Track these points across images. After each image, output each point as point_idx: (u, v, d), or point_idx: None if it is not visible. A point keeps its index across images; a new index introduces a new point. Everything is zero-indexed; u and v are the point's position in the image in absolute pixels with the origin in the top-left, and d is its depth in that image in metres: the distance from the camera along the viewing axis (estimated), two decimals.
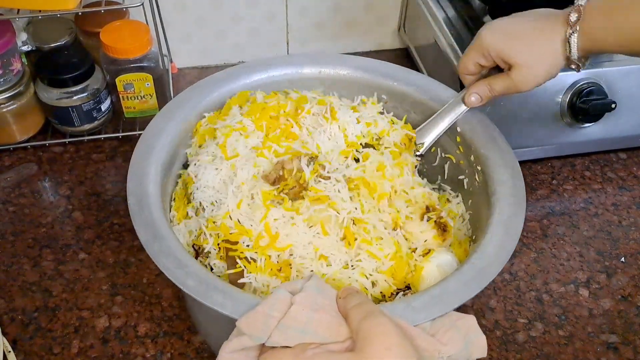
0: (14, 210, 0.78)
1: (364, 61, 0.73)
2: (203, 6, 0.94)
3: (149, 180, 0.59)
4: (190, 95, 0.68)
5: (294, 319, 0.45)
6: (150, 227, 0.54)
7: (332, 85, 0.72)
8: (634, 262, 0.75)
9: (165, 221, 0.56)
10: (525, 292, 0.71)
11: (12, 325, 0.67)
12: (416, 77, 0.72)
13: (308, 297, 0.46)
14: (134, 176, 0.59)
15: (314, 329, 0.45)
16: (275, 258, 0.56)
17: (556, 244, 0.76)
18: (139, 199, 0.57)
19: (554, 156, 0.86)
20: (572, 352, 0.66)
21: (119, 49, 0.81)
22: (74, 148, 0.87)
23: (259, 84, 0.71)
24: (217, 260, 0.57)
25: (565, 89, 0.78)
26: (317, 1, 0.98)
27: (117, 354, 0.65)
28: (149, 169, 0.60)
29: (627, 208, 0.81)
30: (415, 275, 0.57)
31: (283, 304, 0.46)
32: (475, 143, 0.64)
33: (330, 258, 0.55)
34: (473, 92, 0.64)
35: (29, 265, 0.72)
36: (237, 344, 0.46)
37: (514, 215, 0.56)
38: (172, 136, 0.64)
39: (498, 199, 0.58)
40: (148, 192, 0.58)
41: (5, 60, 0.79)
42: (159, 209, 0.57)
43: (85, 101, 0.83)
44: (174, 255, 0.52)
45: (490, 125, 0.65)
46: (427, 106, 0.69)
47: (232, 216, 0.58)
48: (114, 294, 0.70)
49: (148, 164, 0.60)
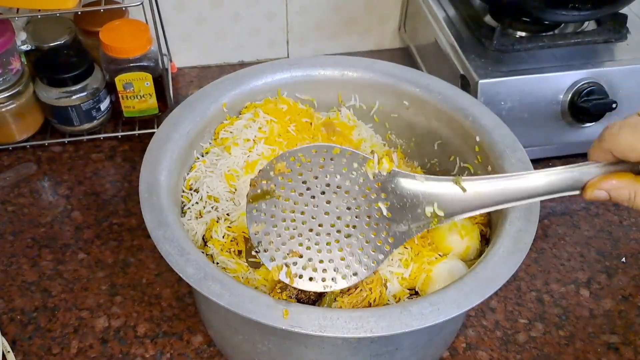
0: (13, 210, 0.78)
1: (387, 66, 0.71)
2: (203, 5, 0.94)
3: (162, 167, 0.59)
4: (212, 90, 0.68)
5: None
6: (157, 213, 0.54)
7: (354, 88, 0.72)
8: (635, 262, 0.75)
9: (175, 209, 0.57)
10: (526, 292, 0.71)
11: (11, 325, 0.66)
12: (439, 84, 0.70)
13: None
14: (148, 163, 0.59)
15: None
16: None
17: (557, 244, 0.76)
18: (150, 185, 0.57)
19: (555, 156, 0.85)
20: (572, 353, 0.66)
21: (119, 49, 0.81)
22: (73, 148, 0.87)
23: (280, 83, 0.70)
24: (223, 257, 0.58)
25: (565, 89, 0.78)
26: (317, 1, 0.97)
27: (117, 354, 0.64)
28: (164, 156, 0.60)
29: (627, 208, 0.80)
30: (425, 280, 0.56)
31: None
32: (494, 153, 0.62)
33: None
34: (605, 188, 0.49)
35: (28, 265, 0.72)
36: None
37: (524, 230, 0.54)
38: (190, 128, 0.64)
39: (510, 210, 0.56)
40: (160, 179, 0.58)
41: (5, 60, 0.79)
42: (167, 197, 0.57)
43: (84, 101, 0.83)
44: (178, 243, 0.52)
45: (509, 136, 0.62)
46: (447, 115, 0.68)
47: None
48: (114, 294, 0.70)
49: (164, 152, 0.61)
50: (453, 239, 0.58)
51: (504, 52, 0.80)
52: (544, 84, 0.78)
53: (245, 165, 0.63)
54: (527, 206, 0.55)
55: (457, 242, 0.58)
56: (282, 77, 0.71)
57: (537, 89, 0.78)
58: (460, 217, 0.53)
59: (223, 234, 0.59)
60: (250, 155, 0.64)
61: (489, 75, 0.77)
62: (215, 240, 0.58)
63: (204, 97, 0.67)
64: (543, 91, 0.78)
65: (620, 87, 0.79)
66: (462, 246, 0.58)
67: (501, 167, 0.60)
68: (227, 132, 0.67)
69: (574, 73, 0.78)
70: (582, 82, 0.78)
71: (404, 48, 1.06)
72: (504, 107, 0.77)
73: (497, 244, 0.54)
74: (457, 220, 0.57)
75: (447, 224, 0.58)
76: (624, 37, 0.82)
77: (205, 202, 0.61)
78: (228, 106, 0.68)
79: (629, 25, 0.83)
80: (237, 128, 0.66)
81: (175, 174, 0.61)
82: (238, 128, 0.66)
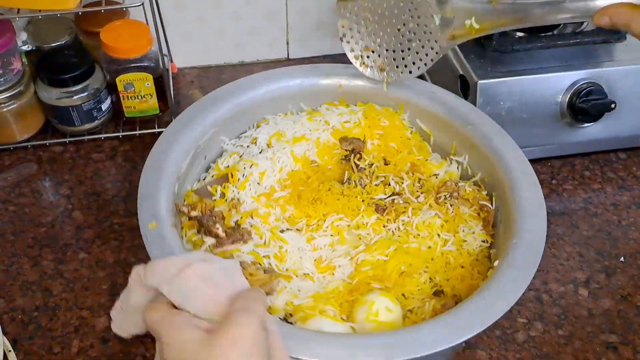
0: (14, 210, 0.78)
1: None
2: (203, 6, 0.94)
3: (170, 157, 0.63)
4: (227, 91, 0.71)
5: (181, 280, 0.46)
6: (151, 202, 0.58)
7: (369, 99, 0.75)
8: (634, 261, 0.75)
9: (170, 197, 0.59)
10: (525, 291, 0.71)
11: (12, 325, 0.67)
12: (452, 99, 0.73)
13: (206, 269, 0.47)
14: (155, 152, 0.63)
15: (195, 297, 0.46)
16: None
17: (556, 244, 0.76)
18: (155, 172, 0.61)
19: (554, 156, 0.86)
20: (571, 352, 0.66)
21: (119, 49, 0.81)
22: (74, 148, 0.87)
23: (300, 88, 0.73)
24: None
25: (564, 89, 0.79)
26: (317, 1, 0.98)
27: (117, 353, 0.65)
28: (174, 148, 0.64)
29: (626, 208, 0.81)
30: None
31: (184, 264, 0.47)
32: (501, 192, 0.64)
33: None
34: (608, 13, 0.56)
35: (29, 264, 0.72)
36: (139, 272, 0.49)
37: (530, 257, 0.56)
38: (202, 129, 0.67)
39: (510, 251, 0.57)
40: (166, 166, 0.62)
41: (5, 60, 0.79)
42: (170, 184, 0.61)
43: (85, 101, 0.83)
44: (161, 224, 0.56)
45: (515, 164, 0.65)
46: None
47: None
48: (114, 293, 0.70)
49: (175, 143, 0.64)
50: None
51: (503, 52, 0.80)
52: (543, 85, 0.78)
53: None
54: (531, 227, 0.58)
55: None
56: (301, 81, 0.74)
57: (536, 90, 0.78)
58: (491, 30, 0.63)
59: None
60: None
61: (488, 76, 0.77)
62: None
63: (221, 98, 0.71)
64: (542, 91, 0.78)
65: (619, 88, 0.79)
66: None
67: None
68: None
69: (573, 73, 0.78)
70: (581, 83, 0.78)
71: None
72: (503, 108, 0.78)
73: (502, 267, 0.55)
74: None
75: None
76: (623, 38, 0.82)
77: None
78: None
79: None
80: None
81: (187, 164, 0.65)
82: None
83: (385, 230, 0.62)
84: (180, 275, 0.46)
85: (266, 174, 0.66)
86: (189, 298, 0.46)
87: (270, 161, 0.67)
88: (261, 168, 0.66)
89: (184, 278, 0.46)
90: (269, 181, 0.66)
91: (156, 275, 0.47)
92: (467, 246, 0.61)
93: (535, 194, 0.61)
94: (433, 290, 0.58)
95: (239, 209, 0.62)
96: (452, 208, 0.62)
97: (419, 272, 0.58)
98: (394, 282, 0.57)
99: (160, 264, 0.47)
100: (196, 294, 0.46)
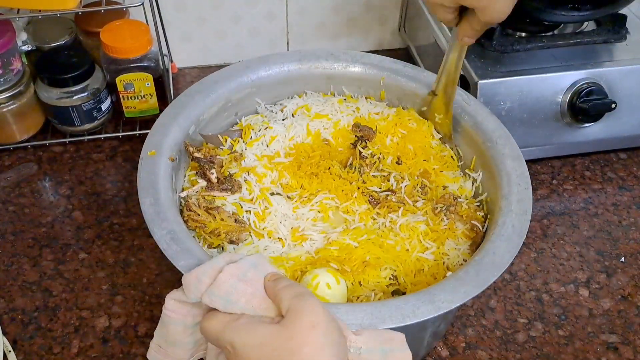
0: (14, 210, 0.78)
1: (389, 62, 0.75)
2: (203, 6, 0.94)
3: (197, 100, 0.66)
4: (274, 59, 0.73)
5: (218, 287, 0.47)
6: (152, 188, 0.58)
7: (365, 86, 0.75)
8: (634, 262, 0.75)
9: (169, 182, 0.60)
10: (525, 292, 0.71)
11: (12, 325, 0.67)
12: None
13: (238, 268, 0.48)
14: (155, 134, 0.64)
15: (237, 298, 0.47)
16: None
17: (556, 244, 0.76)
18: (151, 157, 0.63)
19: (554, 156, 0.86)
20: (572, 352, 0.66)
21: (119, 49, 0.81)
22: (74, 148, 0.87)
23: (295, 75, 0.74)
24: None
25: (565, 89, 0.78)
26: (317, 1, 0.98)
27: (117, 353, 0.65)
28: (206, 94, 0.66)
29: (627, 208, 0.81)
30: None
31: (215, 271, 0.48)
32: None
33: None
34: (462, 37, 0.64)
35: (29, 264, 0.72)
36: (179, 294, 0.51)
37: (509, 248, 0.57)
38: (198, 112, 0.68)
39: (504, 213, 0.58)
40: (189, 106, 0.65)
41: (6, 60, 0.79)
42: (187, 123, 0.64)
43: (85, 101, 0.83)
44: (164, 212, 0.56)
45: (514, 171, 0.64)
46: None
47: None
48: (114, 293, 0.70)
49: (209, 91, 0.67)
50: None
51: (504, 52, 0.80)
52: (543, 84, 0.78)
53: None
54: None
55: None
56: (296, 67, 0.74)
57: (537, 89, 0.78)
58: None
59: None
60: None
61: (488, 76, 0.77)
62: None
63: (216, 83, 0.71)
64: (542, 91, 0.78)
65: (620, 88, 0.79)
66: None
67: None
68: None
69: (573, 73, 0.78)
70: (581, 83, 0.78)
71: (403, 48, 1.06)
72: (503, 108, 0.78)
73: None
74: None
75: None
76: (623, 38, 0.82)
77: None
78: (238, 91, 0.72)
79: (628, 25, 0.84)
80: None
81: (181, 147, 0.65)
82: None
83: (372, 222, 0.62)
84: (216, 281, 0.47)
85: (277, 138, 0.67)
86: (231, 300, 0.47)
87: (285, 128, 0.68)
88: (274, 132, 0.68)
89: (221, 283, 0.47)
90: (277, 146, 0.67)
91: (192, 289, 0.48)
92: (448, 260, 0.60)
93: (521, 225, 0.59)
94: (393, 289, 0.58)
95: (240, 162, 0.65)
96: (447, 221, 0.62)
97: (384, 267, 0.58)
98: (355, 268, 0.57)
99: (192, 277, 0.49)
100: (237, 294, 0.47)
